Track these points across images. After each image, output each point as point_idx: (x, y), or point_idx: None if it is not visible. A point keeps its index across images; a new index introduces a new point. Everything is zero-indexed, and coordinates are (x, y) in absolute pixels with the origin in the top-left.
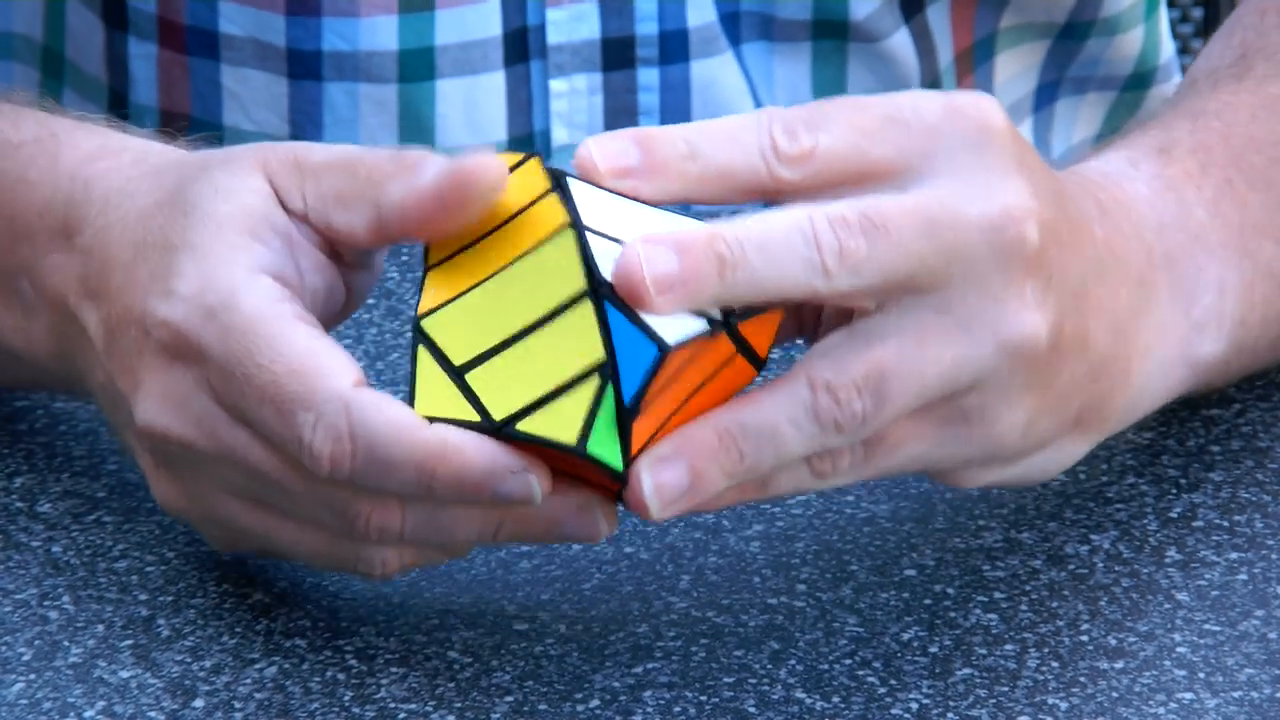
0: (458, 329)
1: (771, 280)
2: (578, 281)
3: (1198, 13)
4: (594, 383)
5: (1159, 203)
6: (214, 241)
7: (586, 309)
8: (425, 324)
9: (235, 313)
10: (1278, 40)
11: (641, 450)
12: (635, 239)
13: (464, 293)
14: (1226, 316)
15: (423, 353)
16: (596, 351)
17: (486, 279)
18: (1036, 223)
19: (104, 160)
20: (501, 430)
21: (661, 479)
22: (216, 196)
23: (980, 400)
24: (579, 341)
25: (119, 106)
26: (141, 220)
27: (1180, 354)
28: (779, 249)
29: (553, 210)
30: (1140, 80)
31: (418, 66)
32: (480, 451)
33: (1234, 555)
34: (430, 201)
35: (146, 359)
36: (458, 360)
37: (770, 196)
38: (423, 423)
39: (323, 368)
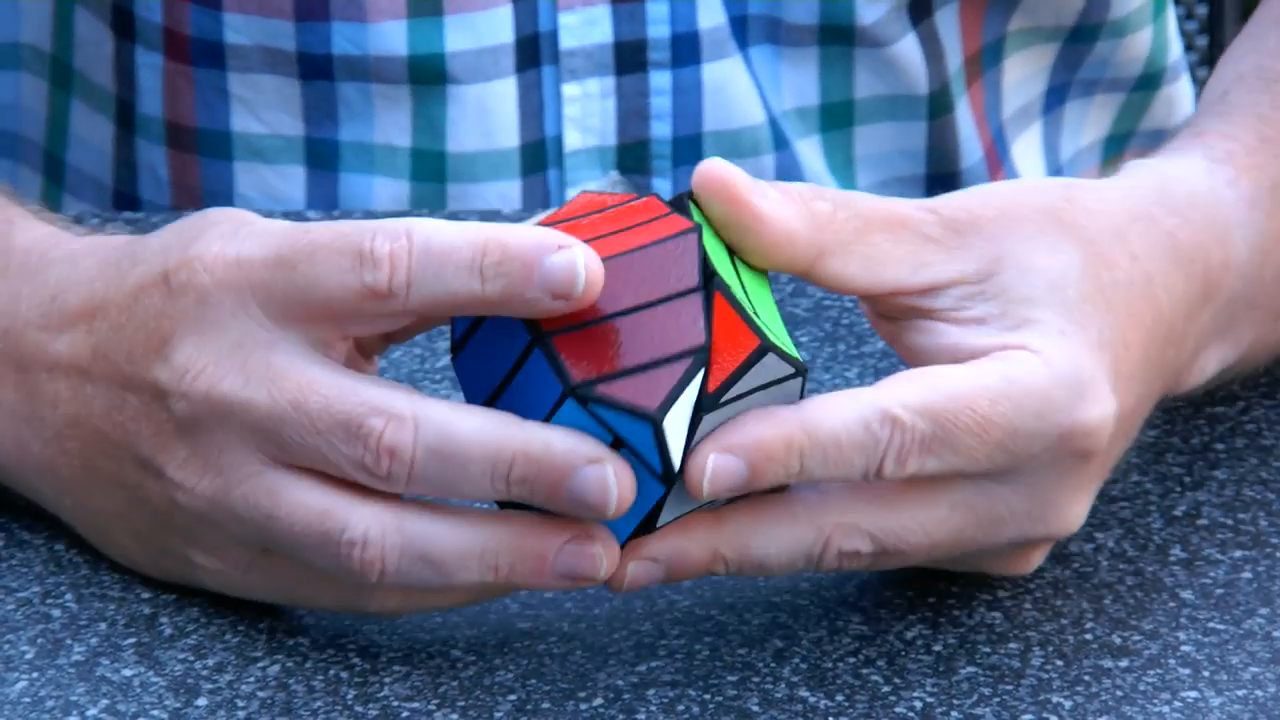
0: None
1: (754, 575)
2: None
3: (1202, 9)
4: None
5: (1246, 269)
6: (236, 215)
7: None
8: None
9: (273, 224)
10: None
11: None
12: (629, 560)
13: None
14: (1226, 365)
15: None
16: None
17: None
18: (1074, 529)
19: (58, 238)
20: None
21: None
22: (228, 209)
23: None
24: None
25: (127, 116)
26: (126, 247)
27: (1168, 395)
28: (776, 565)
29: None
30: (1149, 81)
31: (428, 72)
32: (530, 229)
33: (1238, 553)
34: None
35: (170, 314)
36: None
37: None
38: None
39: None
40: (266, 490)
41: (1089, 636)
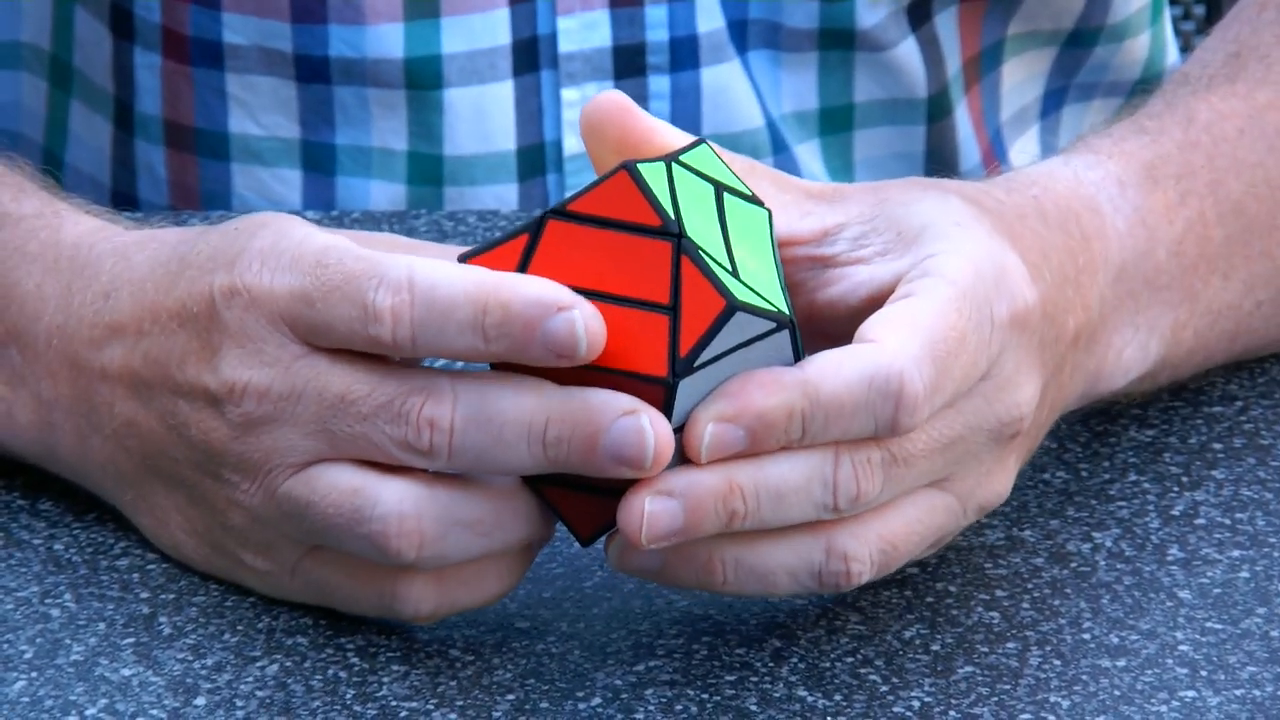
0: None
1: (775, 522)
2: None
3: (1200, 10)
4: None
5: (1129, 241)
6: (278, 225)
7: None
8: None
9: (306, 245)
10: (1271, 38)
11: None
12: (644, 493)
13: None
14: (1151, 356)
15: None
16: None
17: None
18: (1032, 412)
19: (107, 231)
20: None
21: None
22: (273, 214)
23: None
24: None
25: (125, 116)
26: (175, 249)
27: (1097, 388)
28: (795, 498)
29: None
30: (1147, 86)
31: (425, 75)
32: (531, 284)
33: (1236, 553)
34: None
35: (217, 327)
36: None
37: None
38: (478, 267)
39: (389, 256)
40: (305, 481)
41: (1087, 636)
